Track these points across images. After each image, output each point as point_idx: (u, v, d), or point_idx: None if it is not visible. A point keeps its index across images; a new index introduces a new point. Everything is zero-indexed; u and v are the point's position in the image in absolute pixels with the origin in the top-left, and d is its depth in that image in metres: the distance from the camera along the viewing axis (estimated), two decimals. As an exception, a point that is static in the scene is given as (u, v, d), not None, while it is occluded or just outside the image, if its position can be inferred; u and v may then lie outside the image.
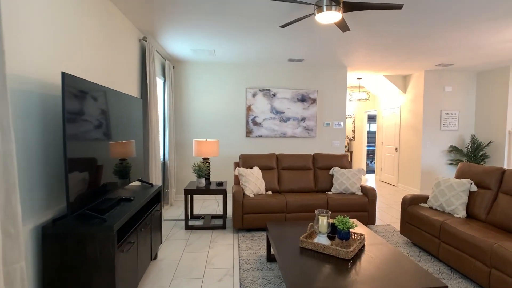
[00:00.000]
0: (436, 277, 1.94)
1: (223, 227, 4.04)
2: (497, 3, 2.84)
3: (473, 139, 6.23)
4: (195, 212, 4.85)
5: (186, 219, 3.97)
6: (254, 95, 5.70)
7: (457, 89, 6.36)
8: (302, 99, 5.84)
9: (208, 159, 4.27)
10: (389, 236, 3.86)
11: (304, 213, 4.01)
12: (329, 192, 4.35)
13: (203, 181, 4.07)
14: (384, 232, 4.01)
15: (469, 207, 3.25)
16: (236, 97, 5.72)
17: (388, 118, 7.62)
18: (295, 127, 5.84)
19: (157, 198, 2.93)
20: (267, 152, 5.83)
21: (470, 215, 3.22)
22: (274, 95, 5.75)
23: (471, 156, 6.10)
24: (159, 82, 4.94)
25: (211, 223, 4.24)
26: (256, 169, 4.24)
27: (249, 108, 5.69)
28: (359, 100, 7.53)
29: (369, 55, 4.93)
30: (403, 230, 3.66)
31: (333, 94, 6.00)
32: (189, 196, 4.48)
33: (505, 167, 5.76)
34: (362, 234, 2.54)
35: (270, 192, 4.26)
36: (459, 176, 3.55)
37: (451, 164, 6.40)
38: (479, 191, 3.23)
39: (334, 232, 2.54)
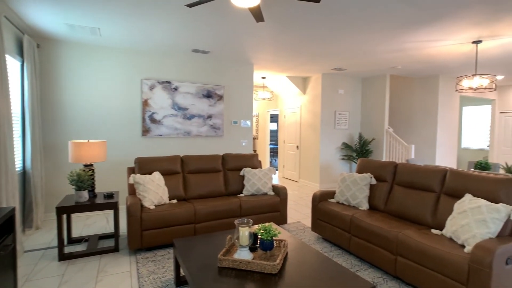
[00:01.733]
0: (364, 279, 1.89)
1: (115, 249, 3.28)
2: (391, 14, 3.14)
3: (360, 136, 7.13)
4: (76, 233, 3.85)
5: (61, 246, 3.04)
6: (151, 88, 4.99)
7: (348, 92, 7.16)
8: (208, 95, 5.46)
9: (91, 165, 3.41)
10: (300, 233, 3.89)
11: (216, 220, 3.65)
12: (241, 195, 4.12)
13: (85, 194, 3.21)
14: (296, 230, 4.04)
15: (370, 199, 3.53)
16: (129, 89, 4.89)
17: (290, 117, 8.02)
18: (201, 125, 5.41)
19: (8, 226, 2.05)
20: (170, 154, 5.21)
21: (371, 206, 3.51)
22: (176, 89, 5.18)
23: (359, 151, 6.95)
24: (13, 63, 3.71)
25: (99, 246, 3.41)
26: (156, 175, 3.63)
27: (145, 103, 4.95)
28: (264, 99, 7.66)
29: (276, 54, 4.95)
30: (315, 227, 3.73)
31: (240, 92, 5.85)
32: (64, 215, 3.49)
33: (384, 159, 6.78)
34: (283, 240, 2.36)
35: (175, 201, 3.72)
36: (360, 170, 3.84)
37: (343, 159, 7.17)
38: (378, 183, 3.54)
39: (255, 242, 2.27)
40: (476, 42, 4.11)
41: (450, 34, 3.82)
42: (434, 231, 2.68)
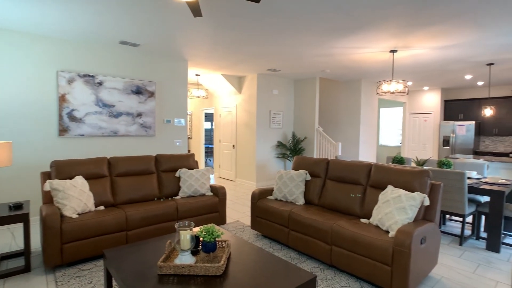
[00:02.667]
0: (306, 270, 1.98)
1: (26, 269, 2.81)
2: (323, 20, 3.36)
3: (294, 135, 7.51)
4: (-30, 254, 3.19)
5: (-49, 272, 2.48)
6: (70, 82, 4.43)
7: (282, 92, 7.47)
8: (138, 91, 5.09)
9: (-7, 170, 2.87)
10: (240, 232, 3.91)
11: (151, 226, 3.43)
12: (177, 197, 3.95)
13: (-15, 206, 2.68)
14: (235, 229, 4.04)
15: (306, 194, 3.73)
16: (42, 82, 4.25)
17: (225, 116, 8.01)
18: (130, 124, 5.02)
19: None
20: (94, 156, 4.71)
21: (307, 201, 3.71)
22: (100, 83, 4.69)
23: (292, 149, 7.31)
24: None
25: (2, 268, 2.89)
26: (79, 180, 3.24)
27: (63, 98, 4.37)
28: (198, 97, 7.49)
29: (212, 51, 4.87)
30: (254, 225, 3.79)
31: (173, 89, 5.60)
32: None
33: (315, 156, 7.27)
34: (226, 241, 2.33)
35: (102, 207, 3.37)
36: (296, 167, 4.03)
37: (278, 157, 7.45)
38: (312, 179, 3.77)
39: (197, 245, 2.20)
40: (393, 51, 4.70)
41: (372, 42, 4.29)
42: (362, 220, 2.97)
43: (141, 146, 5.21)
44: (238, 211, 5.01)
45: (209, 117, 12.04)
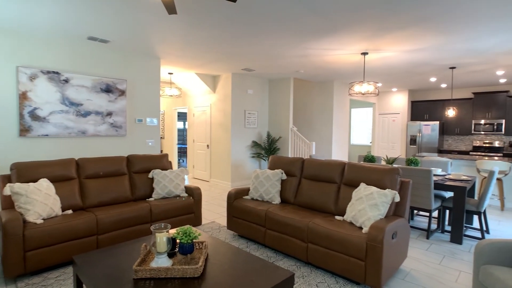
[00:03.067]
0: (284, 268, 2.01)
1: (-15, 279, 2.62)
2: (299, 21, 3.42)
3: (268, 135, 7.58)
4: None
5: None
6: (32, 78, 4.16)
7: (256, 92, 7.50)
8: (108, 90, 4.89)
9: None
10: (216, 233, 3.89)
11: (124, 229, 3.32)
12: (151, 199, 3.85)
13: None
14: (211, 230, 4.01)
15: (282, 193, 3.78)
16: None
17: (199, 116, 7.91)
18: (99, 123, 4.81)
19: None
20: (61, 157, 4.46)
21: (283, 200, 3.76)
22: (66, 81, 4.46)
23: (267, 149, 7.37)
24: None
25: (-42, 279, 2.67)
26: (44, 183, 3.06)
27: (24, 96, 4.10)
28: (171, 96, 7.33)
29: (185, 50, 4.79)
30: (230, 225, 3.78)
31: (145, 87, 5.44)
32: None
33: (289, 155, 7.38)
34: (203, 242, 2.31)
35: (70, 211, 3.21)
36: (272, 167, 4.07)
37: (253, 157, 7.48)
38: (288, 178, 3.83)
39: (174, 247, 2.16)
40: (364, 53, 4.89)
41: (345, 44, 4.43)
42: (337, 217, 3.06)
43: (112, 146, 5.02)
44: (213, 211, 4.97)
45: (182, 116, 11.84)
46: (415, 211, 5.01)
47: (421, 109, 9.49)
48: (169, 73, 6.98)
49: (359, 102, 10.69)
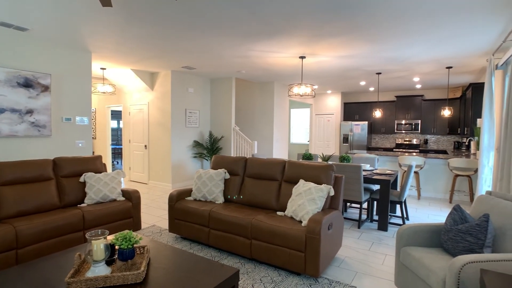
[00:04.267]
0: (229, 266, 2.06)
1: None
2: (241, 23, 3.50)
3: (211, 134, 7.55)
4: None
5: None
6: None
7: (198, 91, 7.41)
8: (27, 84, 4.36)
9: None
10: (157, 236, 3.77)
11: (51, 240, 3.01)
12: (83, 204, 3.56)
13: None
14: (152, 234, 3.87)
15: (225, 193, 3.83)
16: None
17: (136, 114, 7.52)
18: (17, 122, 4.26)
19: None
20: (-37, 162, 3.84)
21: (226, 199, 3.81)
22: (-28, 72, 3.85)
23: (209, 149, 7.34)
24: None
25: None
26: None
27: None
28: (104, 93, 6.83)
29: (121, 44, 4.52)
30: (172, 228, 3.70)
31: (74, 83, 4.98)
32: None
33: (232, 155, 7.47)
34: (145, 246, 2.24)
35: (-20, 224, 2.80)
36: (214, 166, 4.09)
37: (195, 157, 7.38)
38: (231, 177, 3.89)
39: (113, 254, 2.05)
40: (302, 57, 5.19)
41: (285, 48, 4.65)
42: (279, 213, 3.23)
43: (34, 148, 4.49)
44: (153, 215, 4.79)
45: (116, 115, 11.08)
46: (348, 204, 5.50)
47: (352, 110, 10.41)
48: (101, 68, 6.49)
49: (297, 103, 11.28)
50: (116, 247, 2.07)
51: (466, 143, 8.01)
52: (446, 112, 6.46)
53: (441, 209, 5.30)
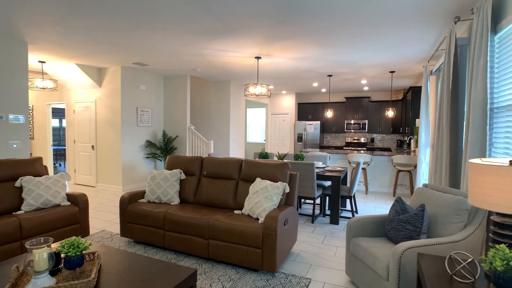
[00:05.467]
0: (186, 267, 2.04)
1: None
2: (195, 21, 3.45)
3: (164, 134, 7.32)
4: None
5: None
6: None
7: (150, 88, 7.13)
8: None
9: None
10: (108, 242, 3.57)
11: (-21, 253, 2.70)
12: (20, 212, 3.25)
13: None
14: (102, 239, 3.66)
15: (181, 193, 3.76)
16: None
17: (81, 112, 7.01)
18: None
19: None
20: None
21: (182, 200, 3.75)
22: None
23: (163, 149, 7.12)
24: None
25: None
26: None
27: None
28: (43, 89, 6.25)
29: (62, 36, 4.17)
30: (124, 232, 3.54)
31: (6, 77, 4.49)
32: None
33: (187, 155, 7.33)
34: (94, 252, 2.12)
35: None
36: (169, 167, 3.99)
37: (148, 157, 7.10)
38: (187, 178, 3.83)
39: (58, 263, 1.91)
40: (258, 58, 5.28)
41: (241, 48, 4.69)
42: (236, 212, 3.26)
43: (-45, 150, 3.97)
44: (103, 219, 4.52)
45: (58, 113, 10.22)
46: (302, 200, 5.72)
47: (306, 110, 10.83)
48: (40, 62, 5.94)
49: (253, 103, 11.42)
50: (62, 255, 1.94)
51: (407, 141, 8.80)
52: (390, 113, 7.03)
53: (386, 202, 5.77)
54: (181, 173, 3.81)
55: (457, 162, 3.34)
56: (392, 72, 6.57)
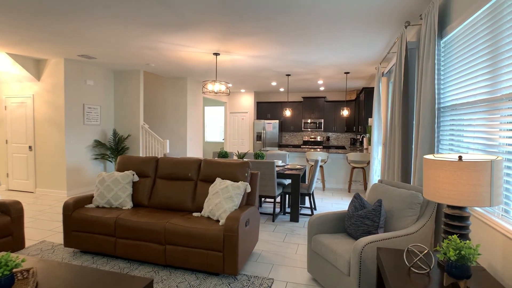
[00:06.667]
0: (141, 276, 1.88)
1: None
2: (147, 13, 3.23)
3: (115, 133, 6.85)
4: None
5: None
6: None
7: (99, 84, 6.62)
8: None
9: None
10: (49, 254, 3.21)
11: None
12: None
13: None
14: (40, 252, 3.28)
15: (134, 197, 3.51)
16: None
17: (16, 109, 6.28)
18: None
19: None
20: None
21: (136, 203, 3.50)
22: None
23: (114, 149, 6.66)
24: None
25: None
26: None
27: None
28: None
29: (-9, 18, 3.67)
30: (69, 241, 3.21)
31: None
32: None
33: (141, 155, 6.94)
34: (29, 269, 1.87)
35: None
36: (121, 168, 3.71)
37: (96, 159, 6.59)
38: (141, 179, 3.59)
39: (-17, 283, 1.64)
40: (216, 54, 5.15)
41: (198, 43, 4.53)
42: (195, 214, 3.12)
43: None
44: (43, 229, 4.08)
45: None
46: (263, 199, 5.72)
47: (264, 109, 10.90)
48: (-38, 50, 5.19)
49: (212, 101, 11.21)
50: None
51: (360, 140, 9.27)
52: (345, 112, 7.33)
53: (342, 198, 5.99)
54: (134, 174, 3.56)
55: (408, 158, 3.55)
56: (346, 73, 6.85)
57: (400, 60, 3.63)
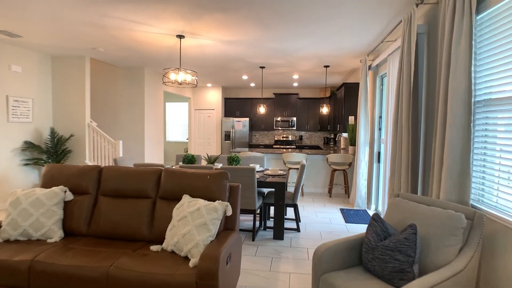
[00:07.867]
0: None
1: None
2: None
3: (53, 132, 5.61)
4: None
5: None
6: None
7: (29, 71, 5.33)
8: None
9: None
10: None
11: None
12: None
13: None
14: None
15: (66, 223, 2.52)
16: None
17: None
18: None
19: None
20: None
21: (69, 232, 2.52)
22: None
23: (52, 152, 5.44)
24: None
25: None
26: None
27: None
28: None
29: None
30: (-40, 297, 2.15)
31: None
32: None
33: (87, 160, 5.78)
34: None
35: None
36: (47, 183, 2.68)
37: (27, 164, 5.32)
38: (77, 198, 2.60)
39: None
40: (180, 36, 4.22)
41: (158, 19, 3.58)
42: (153, 247, 2.23)
43: None
44: None
45: None
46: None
47: (233, 106, 10.06)
48: None
49: (174, 96, 10.13)
50: None
51: (335, 139, 8.80)
52: (325, 110, 6.75)
53: (325, 205, 5.37)
54: (66, 191, 2.57)
55: (417, 164, 2.96)
56: (326, 66, 6.25)
57: (409, 47, 3.02)
